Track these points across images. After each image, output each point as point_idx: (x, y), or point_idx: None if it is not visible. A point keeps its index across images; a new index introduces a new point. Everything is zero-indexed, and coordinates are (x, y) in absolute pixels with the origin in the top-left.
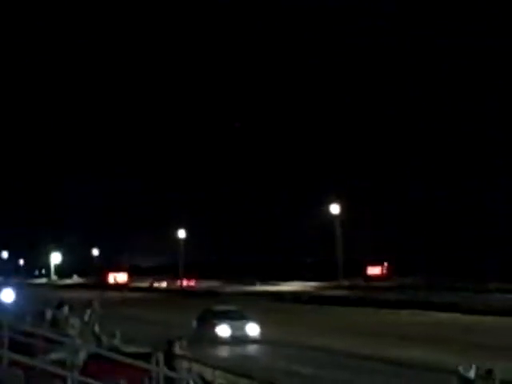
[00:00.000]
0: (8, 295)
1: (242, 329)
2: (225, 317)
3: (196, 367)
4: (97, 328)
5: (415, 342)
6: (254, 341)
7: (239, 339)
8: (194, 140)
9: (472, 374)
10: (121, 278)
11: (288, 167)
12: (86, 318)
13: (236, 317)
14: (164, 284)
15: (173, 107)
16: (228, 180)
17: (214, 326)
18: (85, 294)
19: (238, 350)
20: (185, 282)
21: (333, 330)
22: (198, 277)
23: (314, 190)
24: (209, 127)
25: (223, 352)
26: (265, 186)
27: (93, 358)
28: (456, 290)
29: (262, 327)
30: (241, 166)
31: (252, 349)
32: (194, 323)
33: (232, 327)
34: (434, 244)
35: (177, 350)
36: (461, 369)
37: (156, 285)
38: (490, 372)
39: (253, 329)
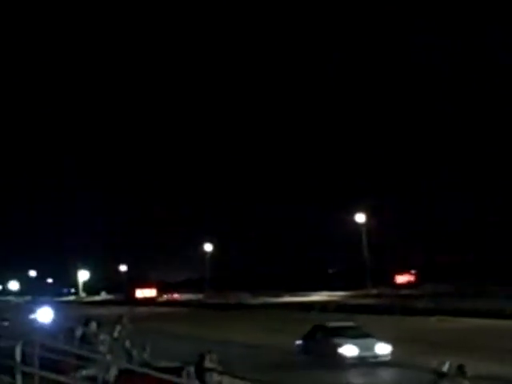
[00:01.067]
0: (46, 314)
1: (371, 348)
2: (346, 334)
3: (226, 380)
4: (128, 343)
5: (444, 349)
6: (384, 362)
7: (368, 361)
8: (219, 154)
9: (445, 369)
10: (149, 293)
11: (314, 178)
12: (116, 333)
13: (360, 334)
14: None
15: (197, 122)
16: (254, 192)
17: (334, 345)
18: (114, 310)
19: (370, 373)
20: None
21: None
22: (226, 289)
23: (340, 200)
24: (232, 139)
25: (354, 377)
26: (291, 197)
27: (124, 373)
28: (485, 296)
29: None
30: (266, 177)
31: (386, 373)
32: (299, 343)
33: (359, 347)
34: (460, 250)
35: (207, 363)
36: (435, 364)
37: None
38: (461, 367)
39: (383, 348)
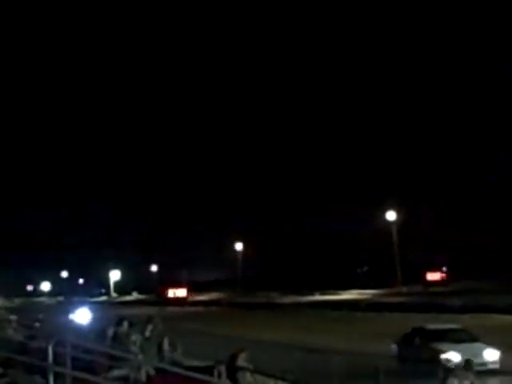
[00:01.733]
0: (84, 315)
1: (479, 355)
2: (449, 339)
3: (259, 379)
4: (166, 343)
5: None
6: (493, 371)
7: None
8: (248, 155)
9: (454, 364)
10: (180, 292)
11: (342, 175)
12: (148, 333)
13: (465, 338)
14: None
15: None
16: (283, 192)
17: (437, 351)
18: (145, 310)
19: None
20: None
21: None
22: (256, 289)
23: (368, 198)
24: (258, 141)
25: None
26: (319, 196)
27: (156, 372)
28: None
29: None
30: (295, 177)
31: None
32: (394, 347)
33: (465, 353)
34: (492, 247)
35: (239, 362)
36: (443, 360)
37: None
38: (468, 361)
39: (492, 354)
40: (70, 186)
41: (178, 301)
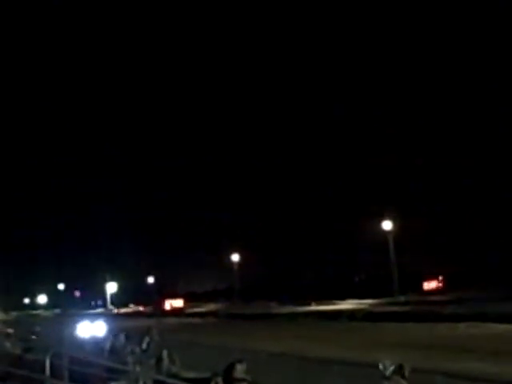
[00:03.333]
0: (99, 328)
1: None
2: None
3: None
4: (165, 354)
5: (475, 354)
6: None
7: None
8: (241, 163)
9: (387, 369)
10: (177, 304)
11: (337, 185)
12: (145, 345)
13: None
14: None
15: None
16: (278, 202)
17: None
18: (142, 322)
19: None
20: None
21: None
22: (253, 299)
23: (364, 207)
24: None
25: None
26: (315, 205)
27: None
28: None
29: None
30: (291, 186)
31: None
32: None
33: None
34: (487, 256)
35: (237, 373)
36: (380, 365)
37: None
38: (400, 367)
39: None
40: (65, 199)
41: (174, 312)
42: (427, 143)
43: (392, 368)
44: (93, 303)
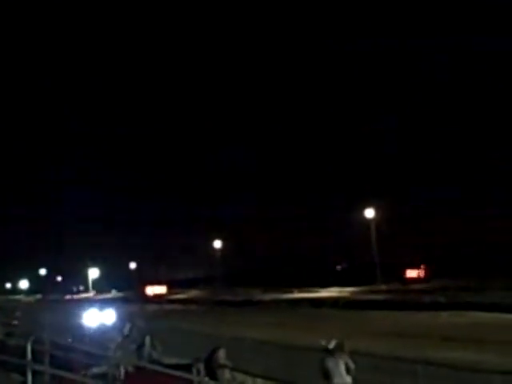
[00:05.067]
0: (109, 316)
1: None
2: None
3: (238, 376)
4: (148, 341)
5: (457, 343)
6: None
7: None
8: (227, 150)
9: (332, 345)
10: (159, 290)
11: (321, 174)
12: (126, 331)
13: None
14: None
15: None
16: (263, 189)
17: None
18: (124, 308)
19: None
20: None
21: (372, 333)
22: (236, 286)
23: (348, 196)
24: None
25: None
26: (299, 194)
27: (135, 370)
28: (495, 290)
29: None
30: (276, 175)
31: None
32: None
33: None
34: (470, 245)
35: (218, 359)
36: (323, 342)
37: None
38: (340, 344)
39: None
40: (49, 181)
41: (157, 298)
42: (412, 132)
43: (334, 343)
44: (74, 289)
